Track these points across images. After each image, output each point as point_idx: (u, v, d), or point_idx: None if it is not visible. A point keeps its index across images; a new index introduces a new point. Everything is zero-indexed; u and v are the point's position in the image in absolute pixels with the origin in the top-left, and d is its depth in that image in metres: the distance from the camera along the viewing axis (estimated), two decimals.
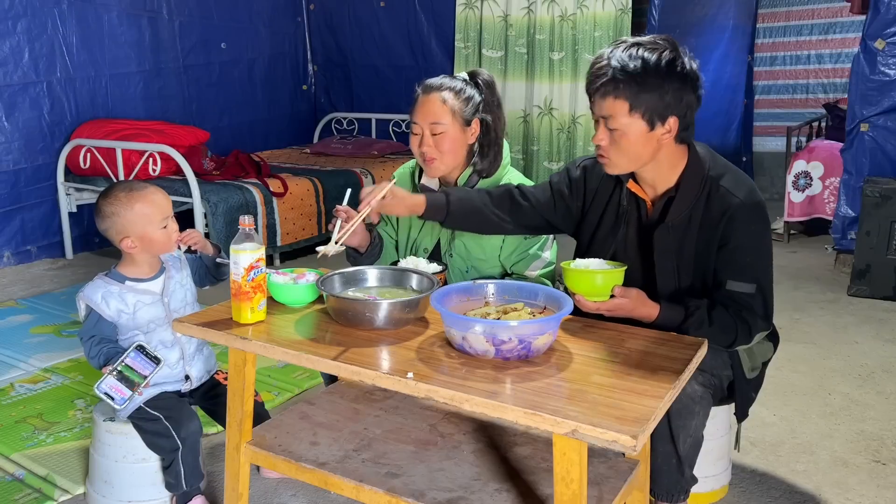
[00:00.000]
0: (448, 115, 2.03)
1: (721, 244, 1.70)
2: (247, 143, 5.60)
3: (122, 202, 1.86)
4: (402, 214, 1.96)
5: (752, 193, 1.71)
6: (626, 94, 1.61)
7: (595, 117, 1.70)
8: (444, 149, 2.04)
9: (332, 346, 1.50)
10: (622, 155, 1.68)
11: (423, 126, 2.04)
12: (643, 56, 1.60)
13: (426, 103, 2.04)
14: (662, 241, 1.75)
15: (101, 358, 1.85)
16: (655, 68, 1.59)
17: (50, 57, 4.44)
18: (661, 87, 1.60)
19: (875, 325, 3.48)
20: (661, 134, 1.65)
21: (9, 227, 4.40)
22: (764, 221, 1.72)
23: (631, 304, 1.61)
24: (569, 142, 5.12)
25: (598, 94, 1.64)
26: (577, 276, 1.61)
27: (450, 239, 2.13)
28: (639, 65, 1.59)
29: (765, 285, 1.70)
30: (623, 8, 4.76)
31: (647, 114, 1.62)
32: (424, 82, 2.10)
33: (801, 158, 4.94)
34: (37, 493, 2.09)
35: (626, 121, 1.63)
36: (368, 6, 5.91)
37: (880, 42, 3.91)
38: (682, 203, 1.72)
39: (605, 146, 1.69)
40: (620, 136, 1.65)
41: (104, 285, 1.90)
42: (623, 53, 1.61)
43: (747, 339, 1.70)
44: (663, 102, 1.62)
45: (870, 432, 2.45)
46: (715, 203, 1.70)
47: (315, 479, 1.61)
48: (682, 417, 1.63)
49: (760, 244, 1.71)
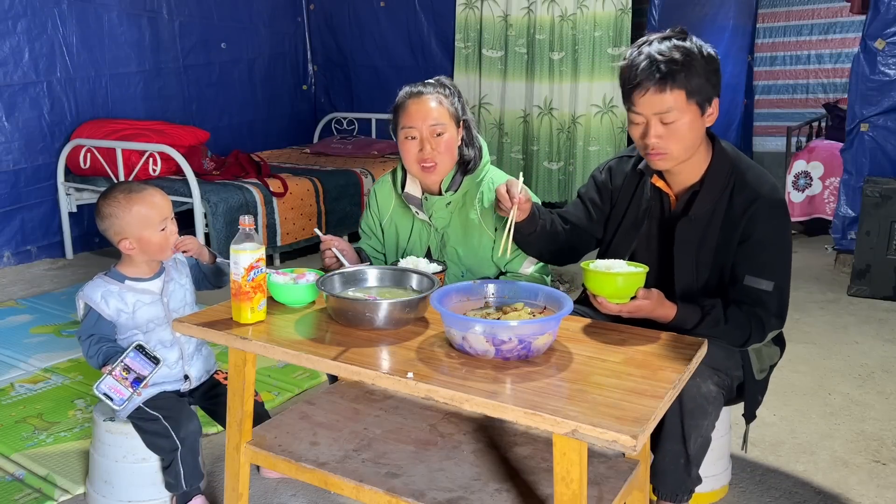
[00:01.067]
0: (447, 115, 2.01)
1: (742, 239, 1.71)
2: (247, 143, 5.60)
3: (121, 204, 1.86)
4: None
5: (775, 190, 1.73)
6: (682, 83, 1.62)
7: (642, 118, 1.69)
8: (445, 152, 2.00)
9: (332, 346, 1.50)
10: (681, 144, 1.69)
11: (422, 129, 1.98)
12: (680, 45, 1.64)
13: (422, 106, 1.99)
14: (684, 233, 1.76)
15: (100, 357, 1.85)
16: (699, 53, 1.64)
17: (50, 57, 4.44)
18: (706, 70, 1.64)
19: (875, 325, 3.48)
20: (708, 116, 1.69)
21: (9, 227, 4.40)
22: (785, 218, 1.74)
23: (651, 305, 1.61)
24: (569, 142, 5.12)
25: (652, 91, 1.64)
26: (599, 278, 1.59)
27: (440, 246, 2.11)
28: (683, 53, 1.62)
29: (782, 284, 1.71)
30: (623, 8, 4.76)
31: (700, 98, 1.65)
32: (410, 88, 2.04)
33: (801, 158, 4.94)
34: (37, 493, 2.09)
35: (685, 108, 1.65)
36: (368, 6, 5.91)
37: (880, 42, 3.91)
38: (707, 196, 1.74)
39: (664, 141, 1.68)
40: (679, 126, 1.66)
41: (104, 284, 1.90)
42: (661, 47, 1.64)
43: (761, 336, 1.71)
44: (710, 84, 1.66)
45: (870, 432, 2.45)
46: (738, 197, 1.72)
47: (315, 479, 1.61)
48: (694, 417, 1.64)
49: (781, 242, 1.72)
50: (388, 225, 2.20)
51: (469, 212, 2.07)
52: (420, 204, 2.10)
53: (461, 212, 2.08)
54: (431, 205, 2.07)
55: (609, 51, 4.85)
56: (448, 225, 2.09)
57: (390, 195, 2.19)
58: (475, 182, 2.08)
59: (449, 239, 2.10)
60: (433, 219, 2.09)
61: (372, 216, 2.23)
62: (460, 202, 2.08)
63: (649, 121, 1.67)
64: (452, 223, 2.09)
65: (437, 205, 2.07)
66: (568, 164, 5.15)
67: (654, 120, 1.66)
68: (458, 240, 2.09)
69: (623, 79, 1.70)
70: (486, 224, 2.06)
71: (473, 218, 2.07)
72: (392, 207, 2.18)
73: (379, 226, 2.22)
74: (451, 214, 2.08)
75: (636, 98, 1.66)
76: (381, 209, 2.21)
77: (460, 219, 2.08)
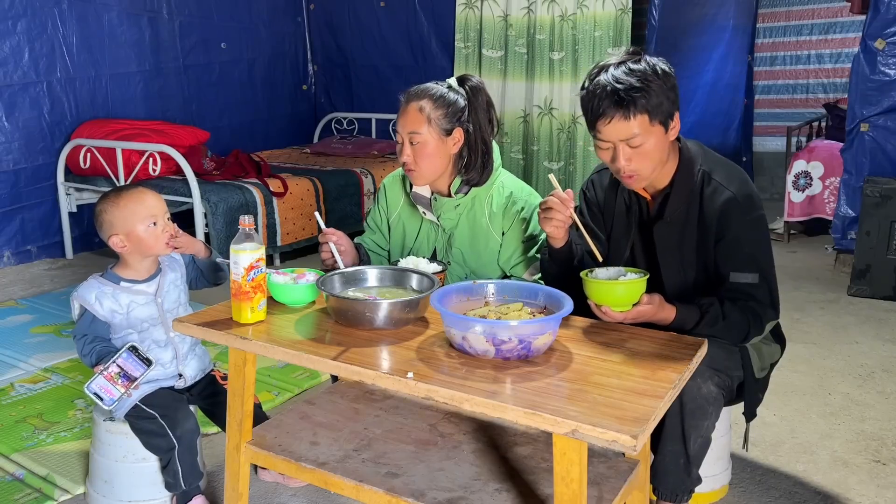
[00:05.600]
0: (424, 124, 1.98)
1: (718, 238, 1.74)
2: (247, 143, 5.60)
3: (111, 200, 1.90)
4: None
5: (744, 185, 1.75)
6: (643, 108, 1.63)
7: (609, 144, 1.69)
8: (422, 158, 1.99)
9: (332, 346, 1.50)
10: (649, 165, 1.71)
11: (403, 135, 2.01)
12: (636, 69, 1.65)
13: (405, 112, 2.01)
14: (663, 236, 1.79)
15: (93, 357, 1.86)
16: (654, 73, 1.65)
17: (50, 57, 4.44)
18: (664, 89, 1.65)
19: (875, 325, 3.48)
20: (671, 130, 1.71)
21: (9, 227, 4.40)
22: (758, 211, 1.75)
23: (653, 309, 1.62)
24: (569, 142, 5.12)
25: (616, 119, 1.65)
26: (602, 287, 1.58)
27: (446, 247, 2.11)
28: (640, 77, 1.63)
29: (767, 273, 1.73)
30: (623, 8, 4.76)
31: (662, 117, 1.66)
32: (409, 90, 2.06)
33: (801, 158, 4.94)
34: (37, 493, 2.09)
35: (649, 130, 1.66)
36: (368, 6, 5.91)
37: (880, 42, 3.91)
38: (677, 199, 1.77)
39: (633, 163, 1.69)
40: (646, 147, 1.67)
41: (98, 286, 1.91)
42: (617, 73, 1.65)
43: (760, 329, 1.72)
44: (669, 101, 1.67)
45: (870, 432, 2.45)
46: (708, 197, 1.75)
47: (315, 479, 1.61)
48: (695, 418, 1.65)
49: (757, 234, 1.74)
50: (395, 222, 2.20)
51: (478, 214, 2.07)
52: (429, 204, 2.10)
53: (469, 214, 2.08)
54: (441, 206, 2.08)
55: (609, 51, 4.84)
56: (456, 226, 2.09)
57: (400, 193, 2.19)
58: (485, 185, 2.08)
59: (455, 240, 2.10)
60: (441, 219, 2.09)
61: (380, 211, 2.23)
62: (469, 205, 2.08)
63: (616, 146, 1.69)
64: (461, 225, 2.09)
65: (446, 206, 2.07)
66: (568, 164, 5.15)
67: (621, 145, 1.68)
68: (465, 242, 2.09)
69: (585, 109, 1.72)
70: (493, 228, 2.06)
71: (482, 221, 2.07)
72: (401, 205, 2.19)
73: (386, 222, 2.22)
74: (459, 216, 2.08)
75: (601, 127, 1.68)
76: (390, 206, 2.21)
77: (468, 221, 2.08)
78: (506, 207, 2.06)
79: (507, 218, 2.06)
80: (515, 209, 2.06)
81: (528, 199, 2.09)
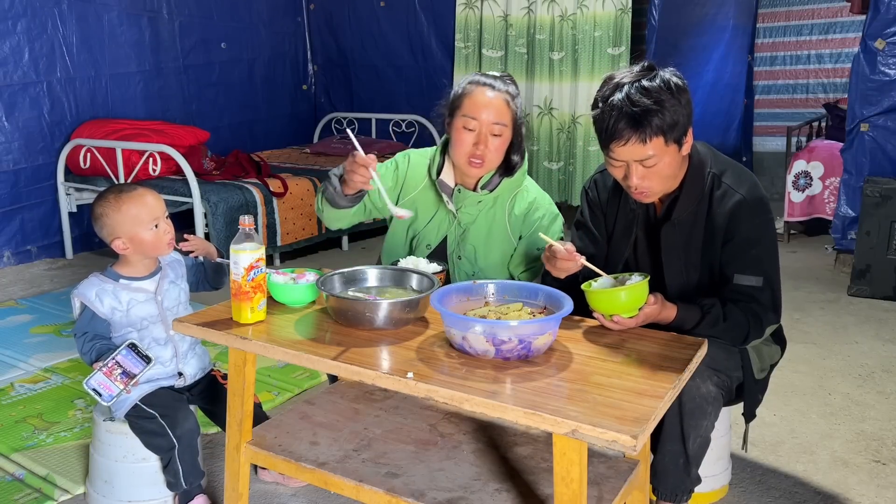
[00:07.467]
0: (511, 117, 1.95)
1: (726, 239, 1.73)
2: (247, 143, 5.60)
3: (112, 204, 1.88)
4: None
5: (754, 188, 1.74)
6: (658, 130, 1.60)
7: (622, 163, 1.67)
8: (496, 151, 1.95)
9: (332, 346, 1.50)
10: (664, 181, 1.70)
11: (484, 124, 1.92)
12: (650, 87, 1.60)
13: (493, 101, 1.92)
14: (669, 237, 1.78)
15: (93, 354, 1.86)
16: (668, 91, 1.61)
17: (50, 57, 4.44)
18: (678, 105, 1.62)
19: (875, 325, 3.48)
20: (685, 146, 1.69)
21: (9, 227, 4.40)
22: (767, 214, 1.75)
23: (657, 309, 1.62)
24: (569, 142, 5.12)
25: (631, 142, 1.62)
26: (607, 296, 1.57)
27: (459, 240, 2.09)
28: (654, 98, 1.59)
29: (772, 277, 1.73)
30: (623, 8, 4.76)
31: (677, 135, 1.64)
32: (484, 78, 1.97)
33: (801, 158, 4.94)
34: (37, 493, 2.09)
35: (664, 151, 1.64)
36: (368, 6, 5.91)
37: (880, 42, 3.91)
38: (686, 201, 1.76)
39: (647, 181, 1.68)
40: (661, 166, 1.66)
41: (98, 283, 1.91)
42: (631, 92, 1.60)
43: (759, 332, 1.72)
44: (684, 118, 1.64)
45: (870, 432, 2.45)
46: (718, 200, 1.74)
47: (315, 479, 1.61)
48: (694, 417, 1.65)
49: (765, 237, 1.74)
50: (408, 201, 2.12)
51: (497, 214, 2.06)
52: (451, 194, 2.07)
53: (489, 212, 2.07)
54: (463, 199, 2.04)
55: (609, 51, 4.85)
56: (473, 222, 2.07)
57: (423, 176, 2.12)
58: (510, 187, 2.05)
59: (470, 236, 2.08)
60: (460, 212, 2.06)
61: (396, 178, 2.12)
62: (491, 203, 2.06)
63: (630, 165, 1.67)
64: (478, 221, 2.07)
65: (468, 200, 2.04)
66: (568, 164, 5.15)
67: (635, 165, 1.66)
68: (480, 239, 2.07)
69: (598, 129, 1.68)
70: (512, 231, 2.05)
71: (502, 222, 2.05)
72: (420, 188, 2.12)
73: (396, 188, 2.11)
74: (479, 212, 2.06)
75: (615, 147, 1.65)
76: (409, 181, 2.12)
77: (487, 219, 2.07)
78: (527, 213, 2.05)
79: (526, 223, 2.05)
80: (537, 216, 2.05)
81: (549, 207, 2.08)
